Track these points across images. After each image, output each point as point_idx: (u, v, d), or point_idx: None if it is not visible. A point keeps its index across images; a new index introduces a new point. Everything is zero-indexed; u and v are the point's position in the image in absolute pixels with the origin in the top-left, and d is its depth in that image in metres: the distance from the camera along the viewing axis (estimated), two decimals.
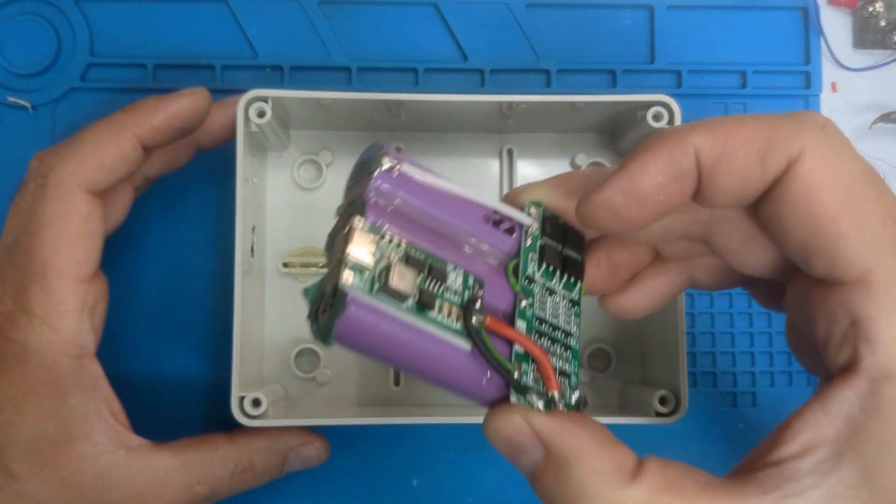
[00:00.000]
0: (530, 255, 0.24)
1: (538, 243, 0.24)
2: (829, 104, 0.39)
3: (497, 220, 0.24)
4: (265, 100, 0.31)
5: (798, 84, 0.39)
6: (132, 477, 0.29)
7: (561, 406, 0.22)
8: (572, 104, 0.32)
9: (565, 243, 0.25)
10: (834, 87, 0.39)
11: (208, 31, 0.37)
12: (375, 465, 0.36)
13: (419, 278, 0.21)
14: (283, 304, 0.36)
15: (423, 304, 0.21)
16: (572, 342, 0.24)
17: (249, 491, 0.35)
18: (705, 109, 0.38)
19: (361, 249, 0.21)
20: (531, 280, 0.24)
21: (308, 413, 0.35)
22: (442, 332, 0.21)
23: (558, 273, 0.24)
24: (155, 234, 0.36)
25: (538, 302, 0.24)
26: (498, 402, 0.22)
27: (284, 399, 0.35)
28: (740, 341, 0.37)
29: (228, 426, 0.32)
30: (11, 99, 0.36)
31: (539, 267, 0.24)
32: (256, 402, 0.31)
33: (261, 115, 0.31)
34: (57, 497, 0.28)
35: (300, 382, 0.36)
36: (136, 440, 0.30)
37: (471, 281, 0.23)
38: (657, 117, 0.32)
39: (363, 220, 0.21)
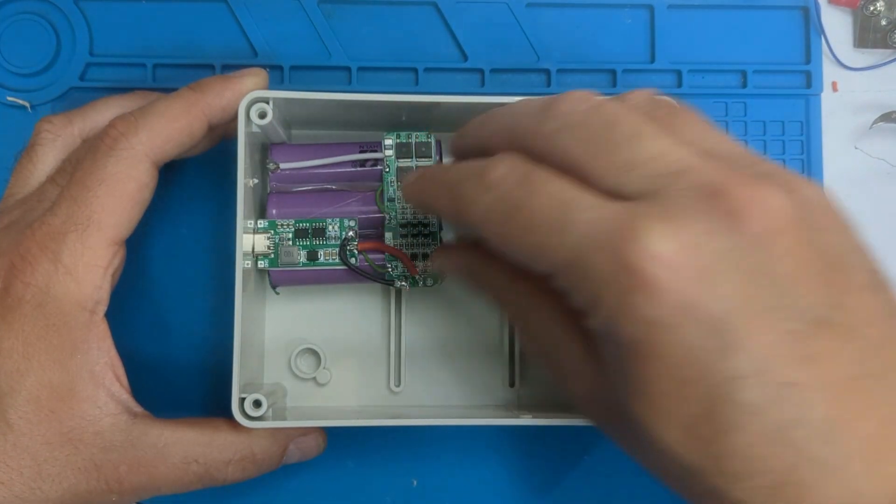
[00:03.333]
0: (389, 180, 0.34)
1: (395, 167, 0.34)
2: (830, 104, 0.39)
3: (363, 162, 0.34)
4: (266, 101, 0.31)
5: (799, 83, 0.38)
6: (132, 442, 0.29)
7: (421, 283, 0.33)
8: None
9: (416, 156, 0.34)
10: (835, 86, 0.39)
11: (208, 30, 0.37)
12: (375, 465, 0.36)
13: (307, 240, 0.33)
14: (283, 304, 0.36)
15: (311, 258, 0.33)
16: (431, 229, 0.34)
17: (248, 491, 0.36)
18: (706, 109, 0.38)
19: (261, 245, 0.33)
20: (391, 199, 0.34)
21: (308, 414, 0.35)
22: (329, 268, 0.33)
23: None
24: (155, 234, 0.36)
25: (399, 213, 0.34)
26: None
27: (284, 399, 0.35)
28: None
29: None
30: (11, 98, 0.36)
31: (398, 186, 0.34)
32: (257, 404, 0.31)
33: (262, 116, 0.31)
34: (52, 451, 0.28)
35: (300, 383, 0.36)
36: (139, 408, 0.30)
37: (345, 224, 0.33)
38: None
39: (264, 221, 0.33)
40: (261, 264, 0.33)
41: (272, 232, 0.33)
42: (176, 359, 0.36)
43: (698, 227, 0.22)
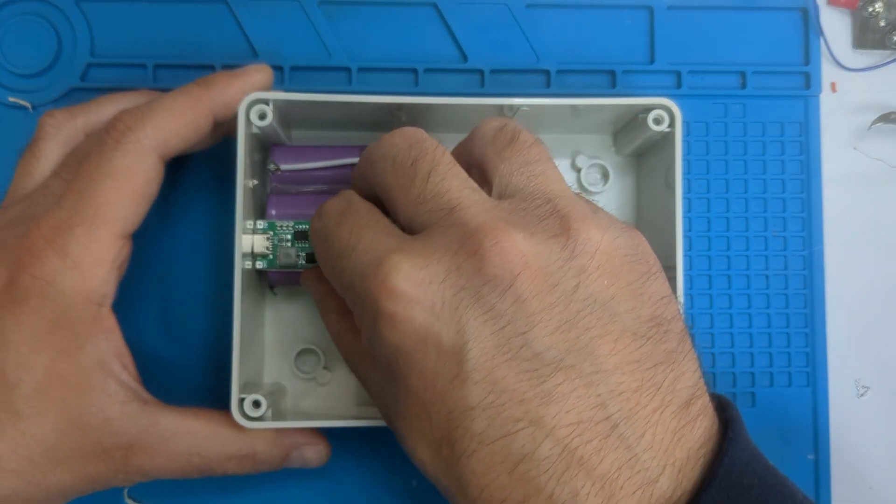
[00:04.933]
0: None
1: None
2: (829, 104, 0.39)
3: None
4: (266, 102, 0.31)
5: (798, 84, 0.39)
6: (140, 430, 0.30)
7: None
8: (573, 107, 0.32)
9: None
10: (834, 87, 0.39)
11: (208, 31, 0.37)
12: (375, 466, 0.37)
13: (307, 242, 0.32)
14: (283, 304, 0.36)
15: (310, 260, 0.32)
16: None
17: (247, 489, 0.36)
18: (705, 110, 0.38)
19: (260, 246, 0.32)
20: None
21: (308, 413, 0.35)
22: None
23: None
24: (155, 235, 0.36)
25: None
26: None
27: (284, 399, 0.35)
28: (739, 341, 0.38)
29: None
30: (12, 99, 0.36)
31: None
32: (256, 404, 0.31)
33: (262, 117, 0.31)
34: (61, 437, 0.28)
35: (300, 383, 0.36)
36: (149, 395, 0.31)
37: None
38: (658, 120, 0.32)
39: (264, 222, 0.33)
40: (259, 265, 0.33)
41: (272, 233, 0.33)
42: (177, 358, 0.36)
43: (443, 264, 0.24)
